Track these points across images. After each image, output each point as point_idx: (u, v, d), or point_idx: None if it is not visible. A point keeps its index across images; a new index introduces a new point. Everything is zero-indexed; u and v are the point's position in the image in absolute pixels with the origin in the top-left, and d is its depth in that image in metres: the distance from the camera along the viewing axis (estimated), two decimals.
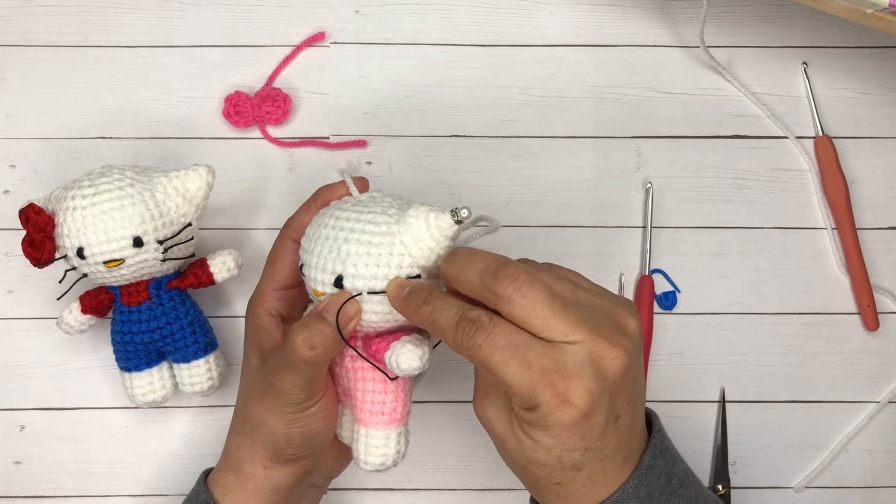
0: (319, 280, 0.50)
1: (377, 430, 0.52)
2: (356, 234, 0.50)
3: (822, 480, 0.67)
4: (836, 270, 0.68)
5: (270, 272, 0.56)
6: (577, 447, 0.46)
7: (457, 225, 0.49)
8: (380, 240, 0.49)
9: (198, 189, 0.58)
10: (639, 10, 0.68)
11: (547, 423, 0.45)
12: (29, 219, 0.57)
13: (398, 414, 0.52)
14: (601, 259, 0.67)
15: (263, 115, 0.66)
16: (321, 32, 0.67)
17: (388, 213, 0.50)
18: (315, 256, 0.51)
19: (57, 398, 0.66)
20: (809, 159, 0.68)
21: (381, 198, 0.52)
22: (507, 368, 0.44)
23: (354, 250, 0.49)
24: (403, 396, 0.53)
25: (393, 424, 0.52)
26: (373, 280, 0.49)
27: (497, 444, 0.50)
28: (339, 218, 0.51)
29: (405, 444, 0.54)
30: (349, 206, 0.52)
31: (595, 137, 0.68)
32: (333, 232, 0.50)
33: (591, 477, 0.47)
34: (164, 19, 0.67)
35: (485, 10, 0.68)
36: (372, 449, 0.52)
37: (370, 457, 0.52)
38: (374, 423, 0.52)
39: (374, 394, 0.52)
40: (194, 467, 0.66)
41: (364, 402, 0.52)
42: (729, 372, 0.67)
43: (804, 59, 0.68)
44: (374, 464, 0.52)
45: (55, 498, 0.66)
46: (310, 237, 0.52)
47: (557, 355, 0.44)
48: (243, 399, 0.55)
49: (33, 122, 0.67)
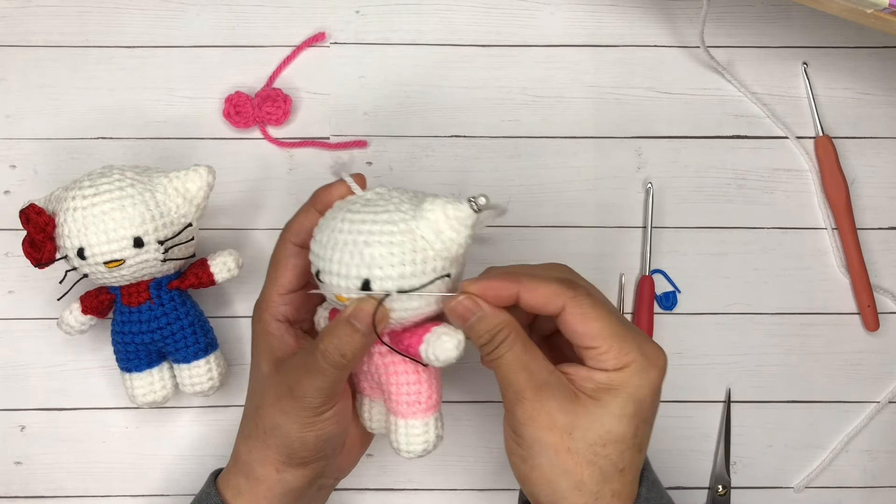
0: (344, 286, 0.50)
1: (416, 420, 0.53)
2: (376, 235, 0.49)
3: (823, 480, 0.67)
4: (837, 270, 0.68)
5: (274, 277, 0.56)
6: (650, 419, 0.51)
7: (476, 213, 0.49)
8: (401, 238, 0.49)
9: (198, 189, 0.58)
10: (639, 10, 0.68)
11: (633, 383, 0.50)
12: (29, 219, 0.57)
13: (433, 401, 0.54)
14: (601, 259, 0.67)
15: (264, 116, 0.66)
16: (321, 33, 0.67)
17: (403, 210, 0.50)
18: (336, 263, 0.50)
19: (57, 398, 0.66)
20: (809, 159, 0.68)
21: (389, 194, 0.52)
22: (600, 323, 0.50)
23: (378, 252, 0.49)
24: (436, 383, 0.54)
25: (430, 412, 0.53)
26: (401, 280, 0.49)
27: (556, 439, 0.50)
28: (354, 221, 0.50)
29: (442, 427, 0.55)
30: (359, 206, 0.51)
31: (595, 138, 0.68)
32: (351, 237, 0.50)
33: (623, 485, 0.50)
34: (164, 19, 0.67)
35: (485, 11, 0.68)
36: (413, 438, 0.53)
37: (412, 445, 0.53)
38: (411, 413, 0.53)
39: (409, 385, 0.53)
40: (195, 467, 0.66)
41: (400, 395, 0.53)
42: (729, 372, 0.67)
43: (804, 59, 0.68)
44: (416, 451, 0.54)
45: (55, 498, 0.66)
46: (324, 244, 0.51)
47: (640, 341, 0.51)
48: (255, 403, 0.55)
49: (33, 123, 0.67)
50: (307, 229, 0.54)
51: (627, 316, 0.67)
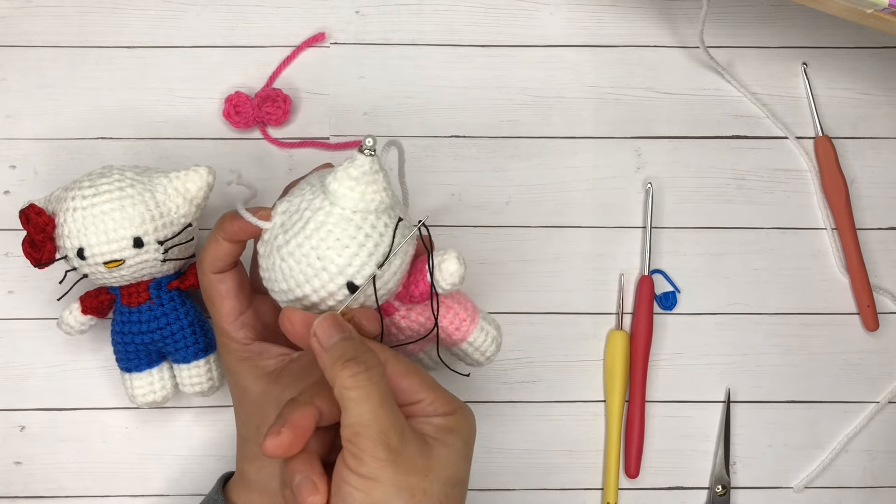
0: (333, 305, 0.50)
1: (473, 334, 0.56)
2: (327, 241, 0.49)
3: (822, 481, 0.67)
4: (836, 271, 0.68)
5: (217, 311, 0.55)
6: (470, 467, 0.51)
7: (369, 157, 0.49)
8: (344, 225, 0.49)
9: (198, 189, 0.58)
10: (638, 10, 0.68)
11: (466, 427, 0.50)
12: (29, 219, 0.57)
13: (471, 310, 0.56)
14: (601, 259, 0.67)
15: (263, 116, 0.66)
16: (321, 33, 0.67)
17: (318, 200, 0.50)
18: (309, 289, 0.50)
19: (57, 398, 0.66)
20: (809, 160, 0.68)
21: (300, 196, 0.51)
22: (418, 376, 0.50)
23: (335, 253, 0.49)
24: (461, 297, 0.56)
25: (475, 319, 0.56)
26: (370, 258, 0.50)
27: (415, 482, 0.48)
28: (293, 241, 0.50)
29: (494, 322, 0.57)
30: (287, 229, 0.50)
31: (595, 138, 0.68)
32: (302, 250, 0.50)
33: None
34: (164, 19, 0.67)
35: (484, 11, 0.68)
36: (482, 346, 0.56)
37: (488, 351, 0.57)
38: (465, 331, 0.56)
39: (445, 318, 0.55)
40: (195, 467, 0.66)
41: (446, 330, 0.55)
42: (729, 372, 0.67)
43: (804, 59, 0.68)
44: (493, 350, 0.57)
45: (55, 498, 0.66)
46: (278, 275, 0.51)
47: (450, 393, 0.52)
48: (255, 423, 0.54)
49: (33, 123, 0.67)
50: (220, 257, 0.54)
51: (627, 316, 0.67)
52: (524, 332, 0.67)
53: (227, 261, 0.54)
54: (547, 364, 0.67)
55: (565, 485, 0.67)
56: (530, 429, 0.66)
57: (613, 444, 0.66)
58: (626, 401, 0.67)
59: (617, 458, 0.66)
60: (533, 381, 0.67)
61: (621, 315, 0.67)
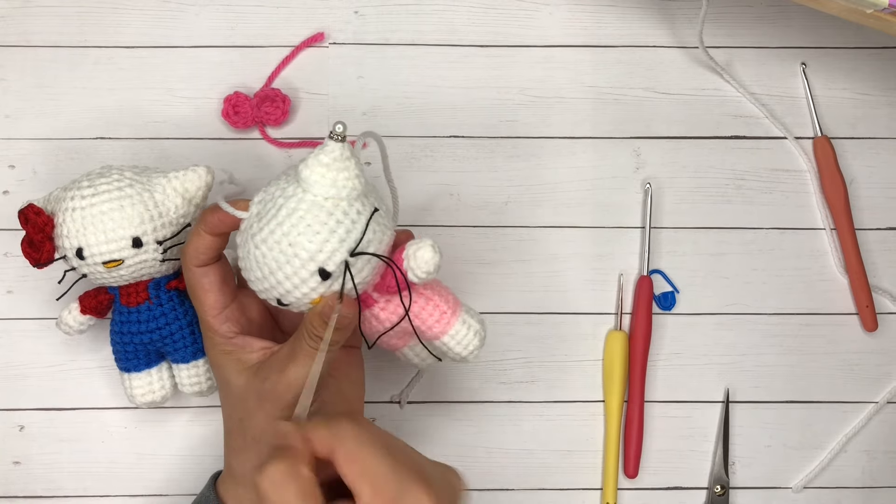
0: (307, 292, 0.50)
1: (454, 326, 0.55)
2: (298, 227, 0.49)
3: (821, 481, 0.67)
4: (835, 271, 0.68)
5: (201, 305, 0.55)
6: None
7: (339, 143, 0.49)
8: (316, 212, 0.49)
9: (197, 189, 0.58)
10: (638, 10, 0.69)
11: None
12: (28, 219, 0.57)
13: (451, 302, 0.55)
14: (600, 259, 0.67)
15: (262, 116, 0.66)
16: (320, 33, 0.67)
17: (289, 191, 0.50)
18: (282, 276, 0.50)
19: (56, 398, 0.66)
20: (808, 160, 0.68)
21: (273, 189, 0.51)
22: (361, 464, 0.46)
23: (307, 240, 0.49)
24: (440, 288, 0.55)
25: (457, 312, 0.55)
26: (342, 244, 0.49)
27: None
28: (269, 230, 0.50)
29: (477, 315, 0.56)
30: (261, 217, 0.50)
31: (594, 138, 0.68)
32: (281, 246, 0.49)
33: None
34: (164, 20, 0.67)
35: (483, 11, 0.68)
36: (464, 340, 0.55)
37: (470, 345, 0.55)
38: (445, 325, 0.54)
39: (424, 310, 0.54)
40: (194, 467, 0.66)
41: (425, 322, 0.54)
42: (728, 372, 0.67)
43: (803, 59, 0.68)
44: (476, 345, 0.56)
45: (55, 498, 0.66)
46: (252, 263, 0.51)
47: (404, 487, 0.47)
48: (238, 416, 0.54)
49: (33, 123, 0.67)
50: (203, 250, 0.54)
51: (626, 316, 0.67)
52: (523, 332, 0.67)
53: (209, 254, 0.54)
54: (546, 364, 0.67)
55: (564, 485, 0.67)
56: (529, 429, 0.67)
57: (612, 445, 0.66)
58: (625, 401, 0.67)
59: (616, 458, 0.66)
60: (532, 381, 0.67)
61: (620, 315, 0.67)
